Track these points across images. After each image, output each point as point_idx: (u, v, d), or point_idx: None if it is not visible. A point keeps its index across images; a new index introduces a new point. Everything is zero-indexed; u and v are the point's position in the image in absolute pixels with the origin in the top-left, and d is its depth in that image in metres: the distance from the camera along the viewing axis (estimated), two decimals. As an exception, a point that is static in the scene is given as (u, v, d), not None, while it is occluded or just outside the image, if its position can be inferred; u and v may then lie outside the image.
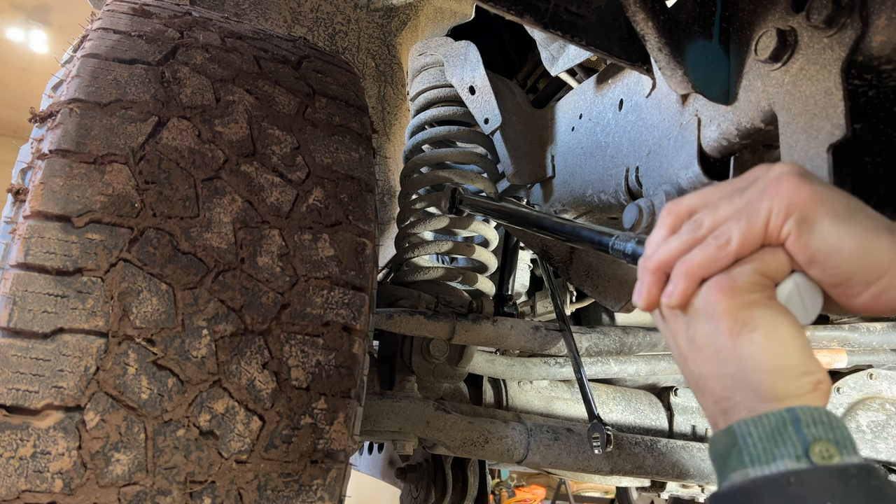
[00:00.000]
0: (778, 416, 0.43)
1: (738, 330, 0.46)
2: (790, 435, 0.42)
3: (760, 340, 0.45)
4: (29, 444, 0.75)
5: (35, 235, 0.80)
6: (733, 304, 0.46)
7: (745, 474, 0.43)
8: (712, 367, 0.48)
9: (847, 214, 0.45)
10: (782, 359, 0.45)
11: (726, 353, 0.47)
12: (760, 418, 0.44)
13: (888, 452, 1.64)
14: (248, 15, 1.80)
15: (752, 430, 0.44)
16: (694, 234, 0.50)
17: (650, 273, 0.52)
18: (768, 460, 0.42)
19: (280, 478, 0.86)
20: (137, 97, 0.92)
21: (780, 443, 0.42)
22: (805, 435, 0.42)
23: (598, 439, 1.27)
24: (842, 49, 0.69)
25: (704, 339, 0.48)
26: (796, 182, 0.46)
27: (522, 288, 1.81)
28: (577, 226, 0.87)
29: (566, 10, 0.78)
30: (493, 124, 1.47)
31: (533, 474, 6.23)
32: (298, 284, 0.91)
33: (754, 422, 0.44)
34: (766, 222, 0.46)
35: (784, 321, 0.46)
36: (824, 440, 0.42)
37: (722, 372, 0.47)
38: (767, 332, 0.45)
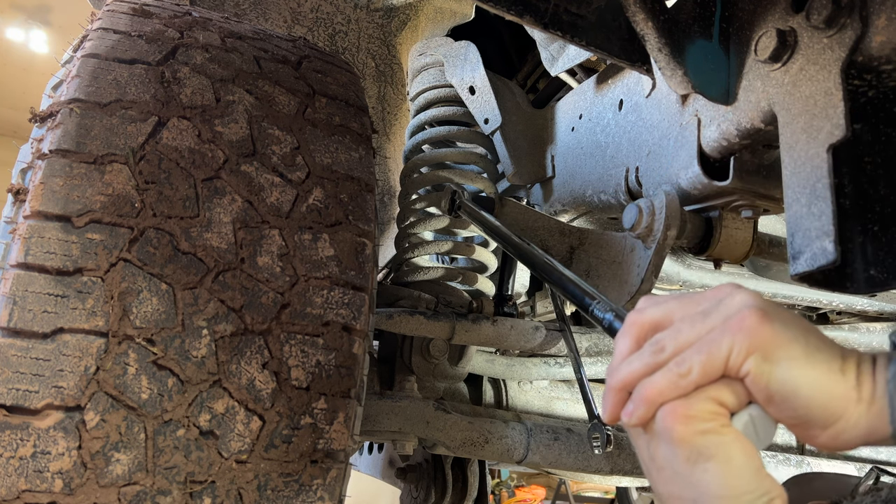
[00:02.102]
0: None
1: (693, 458, 0.47)
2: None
3: (715, 469, 0.47)
4: (29, 444, 0.75)
5: (35, 235, 0.80)
6: (689, 432, 0.48)
7: None
8: (673, 487, 0.50)
9: (804, 358, 0.47)
10: (738, 486, 0.46)
11: (683, 478, 0.48)
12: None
13: (888, 452, 1.64)
14: (248, 15, 1.80)
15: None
16: (655, 357, 0.51)
17: (613, 391, 0.54)
18: None
19: (280, 478, 0.86)
20: (137, 97, 0.92)
21: None
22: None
23: (598, 439, 1.27)
24: (842, 49, 0.69)
25: (664, 461, 0.50)
26: (758, 320, 0.47)
27: (522, 288, 1.81)
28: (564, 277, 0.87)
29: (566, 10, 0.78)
30: (493, 124, 1.47)
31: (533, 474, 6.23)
32: (298, 284, 0.91)
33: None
34: (727, 357, 0.48)
35: (737, 449, 0.47)
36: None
37: (681, 494, 0.49)
38: (722, 461, 0.47)
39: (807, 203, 0.71)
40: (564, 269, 0.89)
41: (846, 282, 0.69)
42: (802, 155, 0.72)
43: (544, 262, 0.93)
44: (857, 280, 0.69)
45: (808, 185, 0.71)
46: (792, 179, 0.73)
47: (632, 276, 0.99)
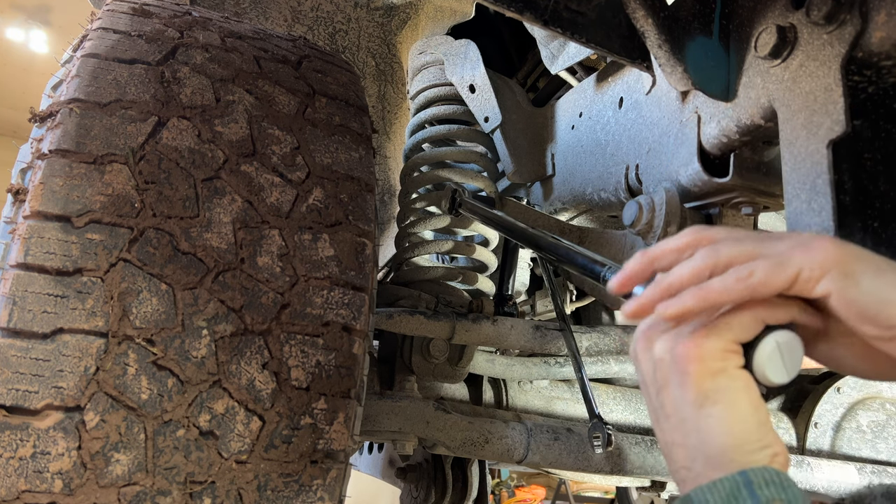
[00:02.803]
0: (731, 479, 0.44)
1: (700, 401, 0.47)
2: (744, 498, 0.43)
3: (720, 414, 0.47)
4: (29, 444, 0.75)
5: (35, 235, 0.80)
6: (700, 371, 0.48)
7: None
8: (677, 435, 0.50)
9: (885, 269, 0.45)
10: (740, 434, 0.46)
11: (690, 423, 0.48)
12: (715, 484, 0.45)
13: (888, 452, 1.63)
14: (248, 14, 1.80)
15: (708, 497, 0.45)
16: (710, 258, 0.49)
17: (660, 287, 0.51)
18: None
19: (280, 478, 0.86)
20: (137, 97, 0.92)
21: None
22: (758, 496, 0.43)
23: (599, 439, 1.27)
24: (841, 45, 0.69)
25: (671, 407, 0.50)
26: (832, 241, 0.46)
27: (522, 287, 1.81)
28: (572, 250, 0.86)
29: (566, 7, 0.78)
30: (493, 123, 1.47)
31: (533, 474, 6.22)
32: (298, 284, 0.91)
33: (710, 488, 0.45)
34: (797, 274, 0.45)
35: (745, 396, 0.47)
36: (777, 500, 0.43)
37: (685, 442, 0.49)
38: (728, 406, 0.47)
39: (807, 199, 0.70)
40: (571, 244, 0.88)
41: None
42: (802, 151, 0.72)
43: (550, 241, 0.93)
44: (858, 277, 0.68)
45: (808, 181, 0.71)
46: (792, 176, 0.73)
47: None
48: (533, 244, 1.00)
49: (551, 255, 0.94)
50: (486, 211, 1.22)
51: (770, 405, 1.75)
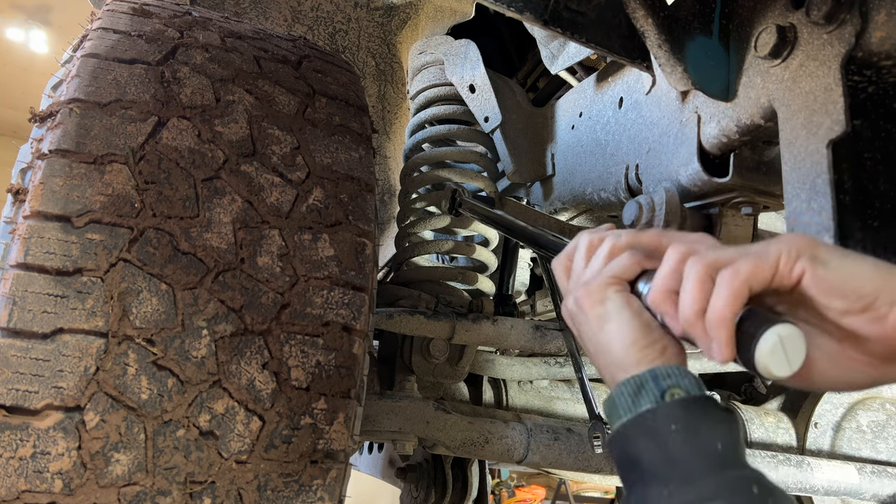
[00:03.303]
0: (641, 375, 0.55)
1: (598, 324, 0.60)
2: (650, 388, 0.54)
3: (612, 328, 0.58)
4: (29, 444, 0.75)
5: (35, 235, 0.80)
6: (590, 302, 0.60)
7: (621, 422, 0.55)
8: (599, 360, 0.61)
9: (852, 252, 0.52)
10: (630, 337, 0.57)
11: (600, 346, 0.60)
12: (629, 380, 0.55)
13: (888, 452, 1.63)
14: (248, 14, 1.80)
15: (623, 390, 0.55)
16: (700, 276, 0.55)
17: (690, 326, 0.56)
18: (635, 408, 0.54)
19: (280, 478, 0.86)
20: (137, 97, 0.92)
21: (643, 394, 0.54)
22: (662, 384, 0.53)
23: (599, 439, 1.27)
24: (841, 45, 0.69)
25: (589, 342, 0.62)
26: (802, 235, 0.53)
27: (522, 287, 1.81)
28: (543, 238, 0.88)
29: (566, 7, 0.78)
30: (493, 123, 1.47)
31: (533, 474, 6.22)
32: (298, 284, 0.91)
33: (625, 383, 0.56)
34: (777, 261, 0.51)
35: (627, 310, 0.58)
36: (675, 386, 0.53)
37: (604, 361, 0.60)
38: (616, 320, 0.58)
39: (806, 199, 0.70)
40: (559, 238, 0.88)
41: (847, 279, 0.69)
42: (802, 151, 0.72)
43: (550, 239, 0.93)
44: (858, 277, 0.68)
45: (807, 180, 0.71)
46: (792, 175, 0.73)
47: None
48: (533, 243, 1.00)
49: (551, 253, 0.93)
50: (487, 210, 1.22)
51: (770, 405, 1.75)
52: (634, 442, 0.53)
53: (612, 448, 0.56)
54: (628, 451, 0.54)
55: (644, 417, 0.53)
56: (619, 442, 0.55)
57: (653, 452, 0.52)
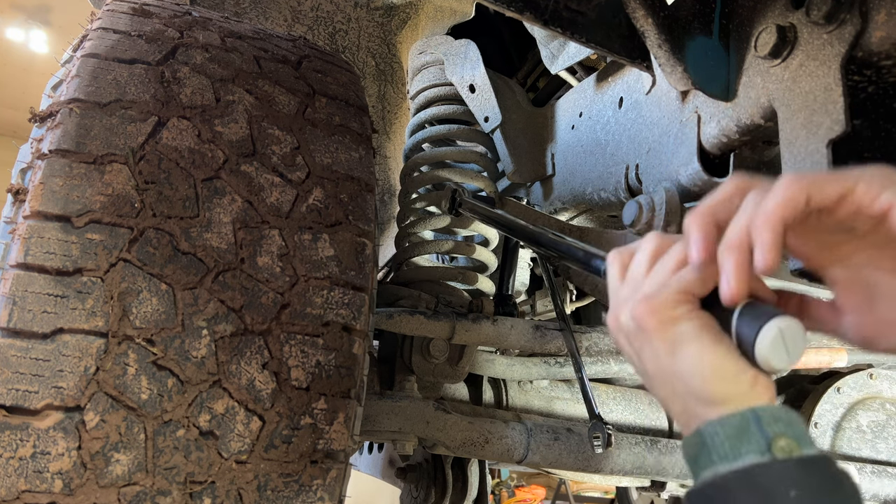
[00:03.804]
0: (741, 415, 0.47)
1: (670, 349, 0.51)
2: (753, 433, 0.46)
3: (691, 353, 0.50)
4: (29, 444, 0.75)
5: (35, 235, 0.80)
6: (659, 322, 0.51)
7: (714, 471, 0.47)
8: (666, 389, 0.53)
9: None
10: (714, 365, 0.49)
11: (670, 373, 0.51)
12: (725, 419, 0.47)
13: (888, 452, 1.63)
14: (248, 14, 1.80)
15: (718, 431, 0.47)
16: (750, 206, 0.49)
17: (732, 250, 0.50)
18: (735, 457, 0.46)
19: (280, 478, 0.86)
20: (137, 97, 0.92)
21: (745, 440, 0.46)
22: (767, 432, 0.45)
23: (599, 439, 1.27)
24: (841, 45, 0.69)
25: (651, 366, 0.53)
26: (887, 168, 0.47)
27: (522, 287, 1.81)
28: (572, 246, 0.86)
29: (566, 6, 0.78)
30: (493, 123, 1.47)
31: (533, 474, 6.22)
32: (298, 284, 0.91)
33: (720, 422, 0.47)
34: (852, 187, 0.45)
35: (707, 332, 0.50)
36: (785, 435, 0.45)
37: (674, 391, 0.52)
38: (695, 345, 0.50)
39: (807, 199, 0.70)
40: (571, 241, 0.87)
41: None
42: (802, 150, 0.72)
43: (550, 237, 0.92)
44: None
45: (808, 181, 0.71)
46: (792, 176, 0.73)
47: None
48: (533, 241, 1.00)
49: (552, 251, 0.93)
50: (486, 210, 1.22)
51: (770, 405, 1.74)
52: (736, 499, 0.45)
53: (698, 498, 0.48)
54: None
55: (753, 473, 0.45)
56: (714, 493, 0.47)
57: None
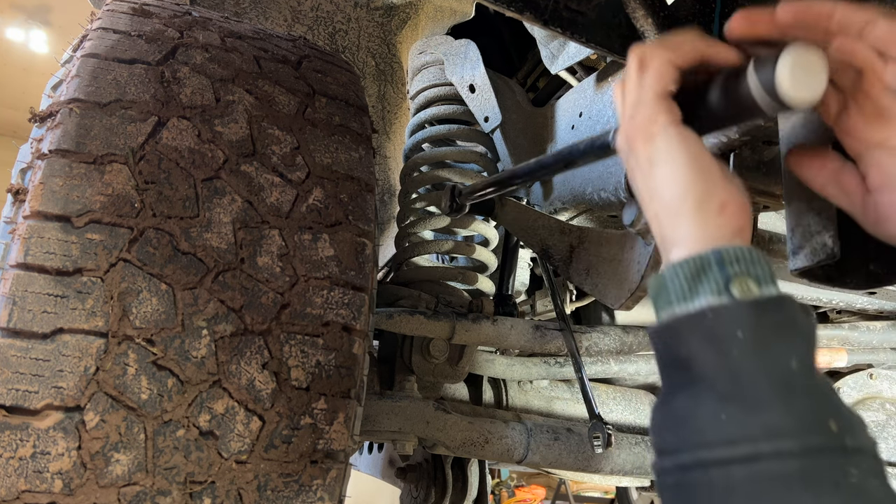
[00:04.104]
0: (703, 256, 0.45)
1: (648, 166, 0.51)
2: (713, 273, 0.44)
3: (664, 171, 0.50)
4: (29, 444, 0.75)
5: (35, 235, 0.80)
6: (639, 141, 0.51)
7: (671, 313, 0.46)
8: (650, 207, 0.52)
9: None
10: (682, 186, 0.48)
11: (651, 190, 0.51)
12: (686, 260, 0.46)
13: (888, 452, 1.63)
14: (248, 14, 1.80)
15: (678, 272, 0.46)
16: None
17: None
18: (691, 298, 0.45)
19: (280, 478, 0.86)
20: (137, 97, 0.92)
21: (703, 280, 0.45)
22: (728, 271, 0.44)
23: (599, 439, 1.27)
24: (842, 46, 0.68)
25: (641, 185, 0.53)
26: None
27: (522, 287, 1.81)
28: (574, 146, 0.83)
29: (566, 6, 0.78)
30: (493, 123, 1.47)
31: (533, 474, 6.22)
32: (298, 284, 0.91)
33: (681, 264, 0.46)
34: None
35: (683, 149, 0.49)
36: (746, 275, 0.44)
37: (654, 210, 0.51)
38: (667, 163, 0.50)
39: (807, 198, 0.70)
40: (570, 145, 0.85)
41: (846, 277, 0.69)
42: (803, 152, 0.72)
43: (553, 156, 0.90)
44: (857, 275, 0.68)
45: (808, 181, 0.71)
46: (792, 175, 0.73)
47: (632, 272, 0.99)
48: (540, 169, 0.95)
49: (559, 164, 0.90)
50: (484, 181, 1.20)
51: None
52: (687, 341, 0.44)
53: (656, 338, 0.48)
54: (677, 350, 0.46)
55: (703, 315, 0.44)
56: (666, 336, 0.47)
57: (710, 361, 0.43)
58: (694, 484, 0.42)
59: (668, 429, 0.46)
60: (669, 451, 0.45)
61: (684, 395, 0.44)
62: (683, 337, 0.45)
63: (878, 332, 1.62)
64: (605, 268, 1.09)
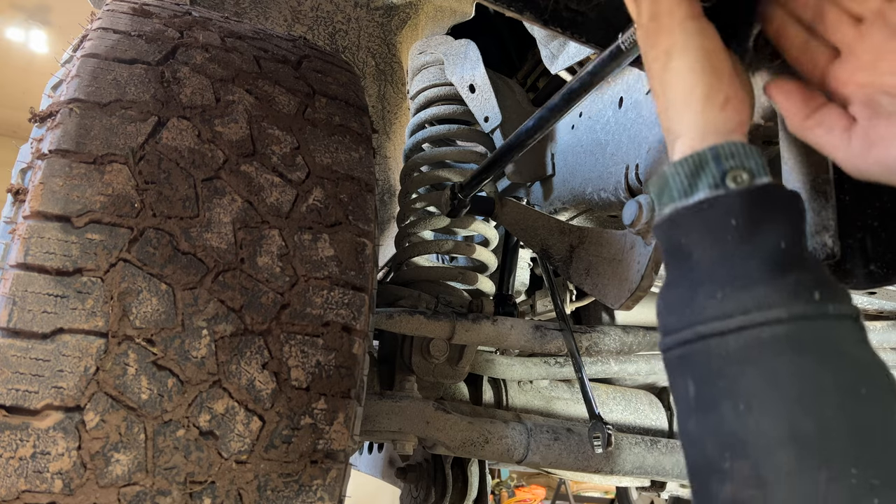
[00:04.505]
0: (701, 153, 0.49)
1: (665, 60, 0.53)
2: (710, 168, 0.48)
3: (679, 65, 0.51)
4: (29, 444, 0.75)
5: (35, 235, 0.80)
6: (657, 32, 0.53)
7: (673, 207, 0.50)
8: (660, 102, 0.54)
9: None
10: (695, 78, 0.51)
11: (664, 84, 0.53)
12: (686, 158, 0.50)
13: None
14: (248, 14, 1.80)
15: (678, 170, 0.50)
16: None
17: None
18: (691, 192, 0.49)
19: (280, 478, 0.86)
20: (137, 97, 0.92)
21: (701, 176, 0.48)
22: (724, 165, 0.48)
23: (599, 439, 1.27)
24: (842, 46, 0.69)
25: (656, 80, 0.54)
26: None
27: (522, 287, 1.81)
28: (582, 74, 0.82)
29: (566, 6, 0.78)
30: (493, 123, 1.47)
31: (533, 474, 6.22)
32: (298, 284, 0.91)
33: (681, 162, 0.50)
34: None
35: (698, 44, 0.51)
36: (740, 168, 0.47)
37: (665, 105, 0.53)
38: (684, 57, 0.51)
39: (807, 198, 0.70)
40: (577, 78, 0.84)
41: (846, 277, 0.69)
42: (803, 150, 0.72)
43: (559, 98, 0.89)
44: (857, 275, 0.68)
45: (808, 180, 0.71)
46: (792, 175, 0.73)
47: (632, 272, 0.99)
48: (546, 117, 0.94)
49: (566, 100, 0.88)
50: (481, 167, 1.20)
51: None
52: (687, 232, 0.49)
53: (659, 231, 0.52)
54: (678, 241, 0.50)
55: (700, 207, 0.48)
56: (668, 228, 0.51)
57: (707, 248, 0.47)
58: (694, 354, 0.47)
59: (671, 311, 0.50)
60: (673, 330, 0.49)
61: (685, 282, 0.48)
62: (684, 227, 0.49)
63: (878, 332, 1.62)
64: (605, 267, 1.09)
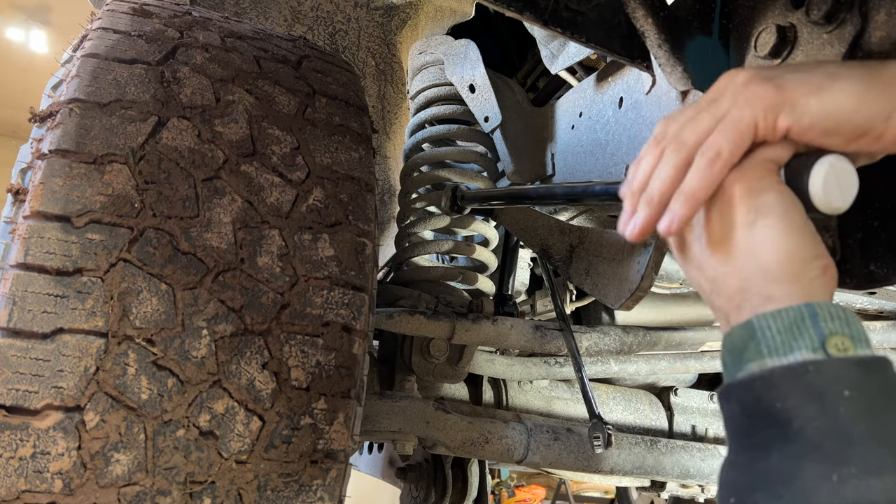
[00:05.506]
0: (796, 310, 0.44)
1: (752, 218, 0.48)
2: (808, 328, 0.43)
3: (774, 225, 0.47)
4: (29, 444, 0.75)
5: (35, 235, 0.80)
6: (746, 189, 0.48)
7: (762, 364, 0.44)
8: (727, 265, 0.49)
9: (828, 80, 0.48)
10: (795, 243, 0.46)
11: (742, 244, 0.48)
12: (779, 312, 0.45)
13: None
14: (248, 14, 1.80)
15: (770, 324, 0.45)
16: (679, 153, 0.51)
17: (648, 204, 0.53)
18: (786, 352, 0.44)
19: (280, 478, 0.86)
20: (137, 97, 0.92)
21: (798, 335, 0.43)
22: (822, 328, 0.43)
23: (599, 439, 1.27)
24: (841, 45, 0.69)
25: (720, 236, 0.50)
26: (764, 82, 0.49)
27: (522, 287, 1.81)
28: (587, 186, 0.84)
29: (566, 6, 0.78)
30: (493, 123, 1.47)
31: (533, 474, 6.22)
32: (298, 284, 0.91)
33: (773, 315, 0.45)
34: (755, 127, 0.48)
35: (795, 206, 0.48)
36: (841, 334, 0.43)
37: (737, 266, 0.49)
38: (781, 217, 0.47)
39: (807, 199, 0.70)
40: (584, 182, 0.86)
41: (846, 277, 0.69)
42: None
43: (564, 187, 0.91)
44: (857, 276, 0.68)
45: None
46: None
47: (632, 273, 0.99)
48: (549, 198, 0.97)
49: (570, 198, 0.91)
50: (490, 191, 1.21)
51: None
52: (785, 395, 0.42)
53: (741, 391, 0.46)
54: (771, 403, 0.43)
55: (805, 369, 0.42)
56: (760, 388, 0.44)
57: (814, 418, 0.41)
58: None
59: (761, 490, 0.43)
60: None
61: (780, 453, 0.42)
62: (781, 389, 0.43)
63: (878, 332, 1.62)
64: (605, 268, 1.08)
